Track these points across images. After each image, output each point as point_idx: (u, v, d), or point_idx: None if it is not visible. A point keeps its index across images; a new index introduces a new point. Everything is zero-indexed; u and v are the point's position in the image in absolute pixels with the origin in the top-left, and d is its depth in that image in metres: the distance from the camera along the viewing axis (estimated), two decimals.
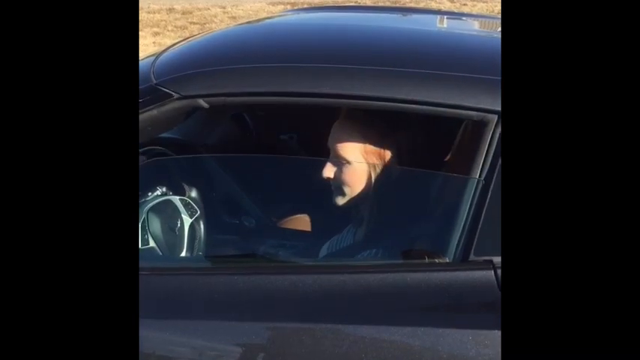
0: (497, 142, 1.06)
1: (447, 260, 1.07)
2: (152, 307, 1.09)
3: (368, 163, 1.24)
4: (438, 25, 1.62)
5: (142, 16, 7.22)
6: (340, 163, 1.27)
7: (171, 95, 1.17)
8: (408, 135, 1.24)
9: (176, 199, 1.59)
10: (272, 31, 1.58)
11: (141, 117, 1.17)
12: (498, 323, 0.98)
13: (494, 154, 1.06)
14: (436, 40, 1.45)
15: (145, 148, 1.58)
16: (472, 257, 1.05)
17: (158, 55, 1.38)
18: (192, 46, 1.45)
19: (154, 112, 1.18)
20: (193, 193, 1.73)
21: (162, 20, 7.48)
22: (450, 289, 1.04)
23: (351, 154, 1.25)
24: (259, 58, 1.27)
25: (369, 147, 1.24)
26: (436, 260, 1.08)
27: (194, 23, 7.29)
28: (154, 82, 1.21)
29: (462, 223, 1.06)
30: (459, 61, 1.24)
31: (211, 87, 1.19)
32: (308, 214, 2.10)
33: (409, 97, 1.10)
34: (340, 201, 1.30)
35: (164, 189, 1.65)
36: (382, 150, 1.24)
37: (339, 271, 1.12)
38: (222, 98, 1.19)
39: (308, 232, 2.05)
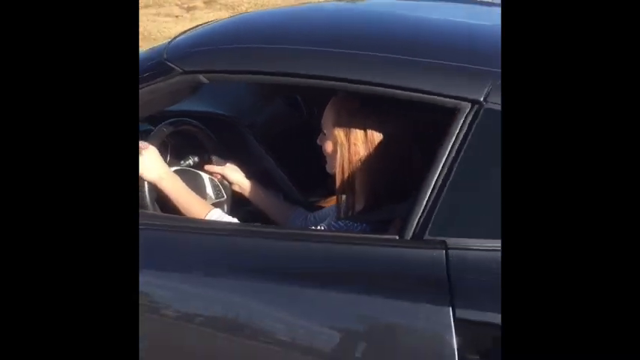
0: (467, 130, 1.11)
1: (406, 238, 1.11)
2: (171, 261, 1.22)
3: (337, 138, 1.29)
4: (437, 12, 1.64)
5: None
6: (322, 134, 1.35)
7: (175, 69, 1.30)
8: (379, 117, 1.28)
9: (206, 176, 1.64)
10: (288, 15, 1.67)
11: (148, 89, 1.31)
12: (443, 299, 1.04)
13: (461, 141, 1.11)
14: (428, 27, 1.48)
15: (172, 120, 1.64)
16: (427, 237, 1.09)
17: (178, 35, 1.51)
18: (208, 28, 1.57)
19: (161, 84, 1.31)
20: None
21: None
22: (400, 265, 1.10)
23: (326, 126, 1.33)
24: (264, 40, 1.37)
25: (340, 123, 1.29)
26: (396, 237, 1.13)
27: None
28: (164, 57, 1.34)
29: (423, 204, 1.10)
30: (448, 49, 1.28)
31: (211, 64, 1.30)
32: None
33: (383, 82, 1.17)
34: (329, 171, 1.37)
35: (197, 159, 1.69)
36: (351, 127, 1.28)
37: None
38: (222, 75, 1.30)
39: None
